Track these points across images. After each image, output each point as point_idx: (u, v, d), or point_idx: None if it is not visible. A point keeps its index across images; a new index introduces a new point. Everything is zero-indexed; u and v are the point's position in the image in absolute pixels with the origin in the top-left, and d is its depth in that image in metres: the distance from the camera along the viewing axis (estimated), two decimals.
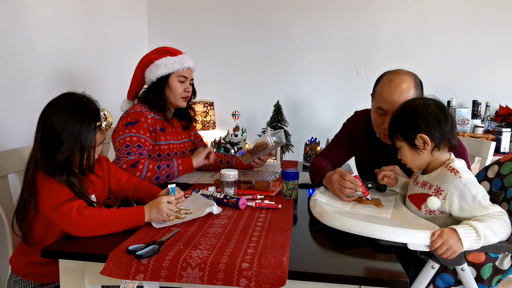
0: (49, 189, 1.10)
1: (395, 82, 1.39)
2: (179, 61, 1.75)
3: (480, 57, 2.90)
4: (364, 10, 2.95)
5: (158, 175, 1.61)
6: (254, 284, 0.85)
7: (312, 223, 1.21)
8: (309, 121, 3.10)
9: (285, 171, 1.45)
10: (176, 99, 1.79)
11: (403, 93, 1.37)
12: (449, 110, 1.19)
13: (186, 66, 1.77)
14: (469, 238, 0.99)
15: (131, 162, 1.58)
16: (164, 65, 1.73)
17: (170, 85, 1.76)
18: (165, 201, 1.15)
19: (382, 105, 1.41)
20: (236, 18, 3.07)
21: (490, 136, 2.63)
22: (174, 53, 1.78)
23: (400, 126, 1.20)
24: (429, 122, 1.14)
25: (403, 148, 1.21)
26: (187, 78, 1.79)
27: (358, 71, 3.03)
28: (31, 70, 1.86)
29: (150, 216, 1.14)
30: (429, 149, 1.15)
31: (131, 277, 0.89)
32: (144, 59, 1.81)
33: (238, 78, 3.13)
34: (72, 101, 1.17)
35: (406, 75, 1.41)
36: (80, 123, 1.14)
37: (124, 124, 1.68)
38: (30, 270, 1.21)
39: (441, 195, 1.11)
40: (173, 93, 1.77)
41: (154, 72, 1.75)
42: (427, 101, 1.20)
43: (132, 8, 2.93)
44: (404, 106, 1.24)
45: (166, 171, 1.64)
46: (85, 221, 1.05)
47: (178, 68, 1.75)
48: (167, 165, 1.65)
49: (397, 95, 1.37)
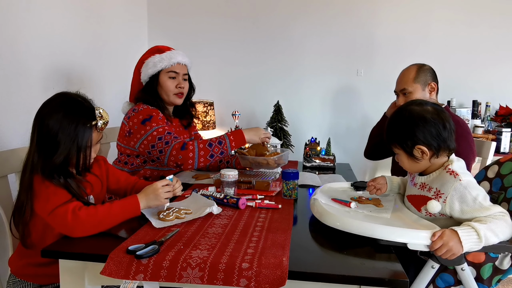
0: (45, 193, 1.10)
1: (403, 70, 1.86)
2: (167, 57, 1.74)
3: (480, 57, 2.90)
4: (364, 10, 2.95)
5: (211, 152, 1.61)
6: (254, 284, 0.85)
7: (312, 223, 1.21)
8: (309, 121, 3.10)
9: (285, 171, 1.45)
10: (169, 96, 1.77)
11: (405, 74, 1.82)
12: (446, 114, 1.15)
13: (175, 62, 1.75)
14: (469, 240, 0.98)
15: (179, 146, 1.58)
16: (153, 63, 1.73)
17: (160, 82, 1.75)
18: (160, 186, 1.15)
19: (395, 88, 1.89)
20: (236, 18, 3.07)
21: (490, 136, 2.63)
22: (162, 50, 1.77)
23: (397, 136, 1.18)
24: (427, 132, 1.12)
25: (401, 155, 1.19)
26: (178, 73, 1.77)
27: (358, 71, 3.02)
28: (31, 71, 1.86)
29: (147, 203, 1.15)
30: (428, 158, 1.15)
31: (131, 277, 0.89)
32: (139, 60, 1.82)
33: (238, 78, 3.13)
34: (66, 101, 1.16)
35: (414, 64, 1.84)
36: (75, 123, 1.12)
37: (139, 123, 1.65)
38: (29, 271, 1.21)
39: (441, 198, 1.10)
40: (164, 90, 1.76)
41: (145, 71, 1.75)
42: (424, 107, 1.15)
43: (132, 8, 2.92)
44: (401, 114, 1.18)
45: (219, 148, 1.62)
46: (81, 223, 1.05)
47: (166, 65, 1.73)
48: (219, 142, 1.63)
49: (400, 77, 1.85)
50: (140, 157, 1.75)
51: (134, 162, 1.76)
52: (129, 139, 1.69)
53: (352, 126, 3.07)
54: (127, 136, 1.70)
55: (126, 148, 1.73)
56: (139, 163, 1.76)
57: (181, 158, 1.58)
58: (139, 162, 1.76)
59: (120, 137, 1.75)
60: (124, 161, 1.77)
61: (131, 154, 1.75)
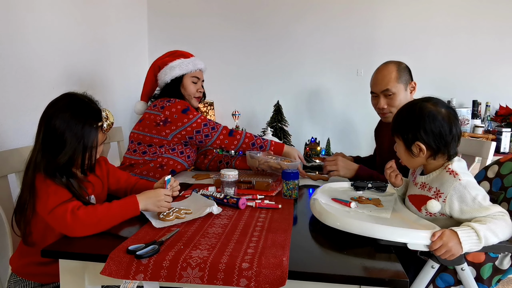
0: (46, 192, 1.10)
1: (380, 68, 1.77)
2: (192, 62, 1.86)
3: (480, 57, 2.90)
4: (364, 10, 2.95)
5: (254, 141, 1.79)
6: (254, 284, 0.85)
7: (312, 223, 1.21)
8: (309, 121, 3.10)
9: (285, 171, 1.45)
10: (191, 98, 1.88)
11: (386, 75, 1.71)
12: (457, 120, 1.13)
13: (199, 68, 1.89)
14: (469, 240, 0.98)
15: (227, 132, 1.77)
16: (179, 66, 1.83)
17: (185, 85, 1.85)
18: (163, 193, 1.19)
19: (372, 89, 1.78)
20: (236, 18, 3.07)
21: (490, 136, 2.63)
22: (187, 56, 1.89)
23: (401, 127, 1.18)
24: (430, 133, 1.11)
25: (399, 146, 1.20)
26: (199, 79, 1.90)
27: (358, 71, 3.02)
28: (30, 70, 1.86)
29: (146, 205, 1.16)
30: (424, 156, 1.15)
31: (131, 277, 0.89)
32: (157, 62, 1.90)
33: (238, 78, 3.13)
34: (73, 101, 1.18)
35: (389, 63, 1.75)
36: (82, 123, 1.14)
37: (179, 112, 1.75)
38: (30, 270, 1.21)
39: (441, 198, 1.10)
40: (187, 93, 1.87)
41: (169, 73, 1.83)
42: (438, 107, 1.13)
43: (132, 9, 2.92)
44: (412, 107, 1.17)
45: (261, 141, 1.81)
46: (80, 222, 1.05)
47: (191, 69, 1.85)
48: (260, 147, 1.80)
49: (381, 77, 1.73)
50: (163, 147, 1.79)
51: (157, 151, 1.80)
52: (163, 128, 1.76)
53: (352, 126, 3.07)
54: (161, 126, 1.76)
55: (153, 138, 1.78)
56: (162, 152, 1.80)
57: (227, 143, 1.78)
58: (162, 151, 1.80)
59: (146, 127, 1.79)
60: (142, 150, 1.80)
61: (155, 143, 1.78)
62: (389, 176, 1.29)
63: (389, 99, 1.72)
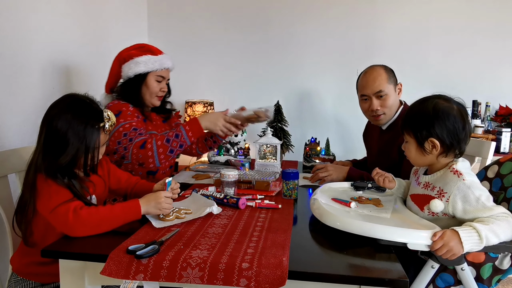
0: (47, 191, 1.10)
1: (369, 71, 1.80)
2: (160, 61, 1.74)
3: (480, 57, 2.89)
4: (365, 10, 2.95)
5: (170, 148, 1.60)
6: (254, 284, 0.85)
7: (312, 223, 1.21)
8: (309, 121, 3.10)
9: (285, 171, 1.45)
10: (152, 97, 1.77)
11: (377, 77, 1.74)
12: (468, 117, 1.15)
13: (166, 67, 1.77)
14: (470, 241, 0.98)
15: (139, 144, 1.57)
16: (144, 63, 1.72)
17: (148, 83, 1.74)
18: (163, 196, 1.17)
19: (363, 92, 1.78)
20: (236, 18, 3.07)
21: (490, 136, 2.63)
22: (155, 52, 1.77)
23: (414, 123, 1.16)
24: (445, 129, 1.11)
25: (410, 144, 1.19)
26: (164, 78, 1.79)
27: (358, 71, 3.01)
28: (30, 70, 1.86)
29: (147, 209, 1.16)
30: (436, 153, 1.15)
31: (131, 277, 0.89)
32: (123, 53, 1.78)
33: (238, 78, 3.13)
34: (75, 102, 1.18)
35: (376, 66, 1.80)
36: (84, 124, 1.14)
37: None
38: (31, 270, 1.21)
39: (444, 198, 1.10)
40: (149, 91, 1.76)
41: (133, 68, 1.72)
42: (451, 104, 1.14)
43: (132, 8, 2.92)
44: (425, 104, 1.16)
45: (177, 142, 1.62)
46: (81, 222, 1.05)
47: (157, 68, 1.73)
48: (176, 136, 1.62)
49: (372, 80, 1.75)
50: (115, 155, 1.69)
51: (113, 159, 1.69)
52: None
53: (352, 126, 3.07)
54: None
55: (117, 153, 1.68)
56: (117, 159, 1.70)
57: (141, 157, 1.57)
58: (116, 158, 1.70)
59: None
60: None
61: None
62: (377, 181, 1.32)
63: (382, 101, 1.73)
